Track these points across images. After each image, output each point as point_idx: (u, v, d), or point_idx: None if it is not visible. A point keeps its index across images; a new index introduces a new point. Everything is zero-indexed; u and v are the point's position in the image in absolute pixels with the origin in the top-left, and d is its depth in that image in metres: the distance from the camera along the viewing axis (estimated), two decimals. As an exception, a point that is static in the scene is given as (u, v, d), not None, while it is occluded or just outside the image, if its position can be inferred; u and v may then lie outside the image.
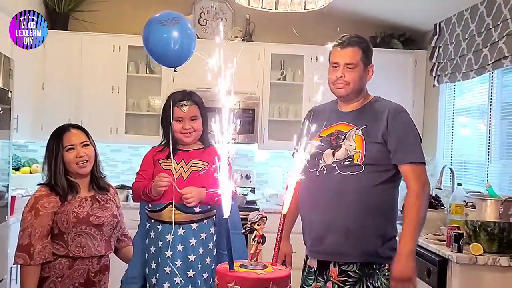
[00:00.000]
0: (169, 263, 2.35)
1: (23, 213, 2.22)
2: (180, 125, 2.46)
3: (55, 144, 2.28)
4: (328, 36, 5.17)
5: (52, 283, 2.20)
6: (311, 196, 2.24)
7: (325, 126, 2.30)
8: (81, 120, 4.46)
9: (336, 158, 2.21)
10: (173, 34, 2.46)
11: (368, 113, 2.26)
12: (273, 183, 4.95)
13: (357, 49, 2.24)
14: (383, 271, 2.16)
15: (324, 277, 2.22)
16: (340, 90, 2.25)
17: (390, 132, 2.18)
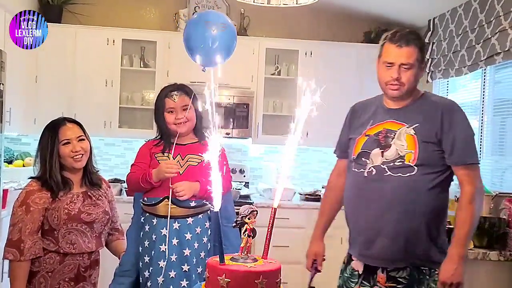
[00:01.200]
0: (163, 257, 2.35)
1: (14, 207, 2.20)
2: (172, 116, 2.45)
3: (50, 138, 2.25)
4: (323, 31, 5.20)
5: (42, 277, 2.20)
6: (358, 198, 2.15)
7: (372, 124, 2.18)
8: (74, 114, 4.45)
9: (385, 158, 2.08)
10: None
11: (419, 110, 2.12)
12: (266, 177, 4.96)
13: (413, 48, 2.06)
14: (433, 276, 2.05)
15: (371, 282, 2.12)
16: (394, 92, 2.10)
17: (445, 131, 2.04)
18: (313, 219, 4.43)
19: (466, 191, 2.03)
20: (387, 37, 2.11)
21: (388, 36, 2.11)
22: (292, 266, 4.32)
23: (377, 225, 2.07)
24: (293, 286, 4.24)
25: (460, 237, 2.01)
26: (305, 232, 4.47)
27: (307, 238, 4.43)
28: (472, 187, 2.03)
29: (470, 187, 2.03)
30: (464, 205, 2.03)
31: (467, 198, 2.02)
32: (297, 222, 4.42)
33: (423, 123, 2.07)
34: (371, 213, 2.08)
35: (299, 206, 4.50)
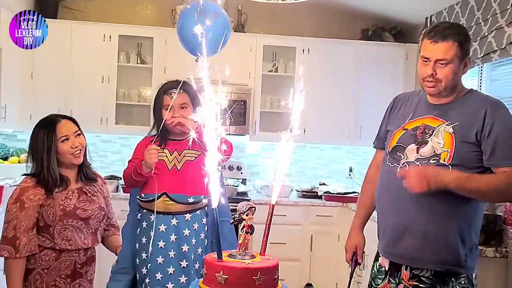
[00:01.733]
0: (162, 253, 2.35)
1: (8, 204, 2.18)
2: (170, 114, 2.44)
3: (47, 136, 2.22)
4: (320, 28, 5.20)
5: (38, 274, 2.18)
6: (389, 193, 2.08)
7: (411, 117, 2.10)
8: (70, 110, 4.44)
9: (420, 155, 2.00)
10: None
11: (462, 108, 2.01)
12: (264, 174, 4.96)
13: (451, 44, 1.95)
14: (460, 280, 1.96)
15: (396, 279, 2.07)
16: (430, 89, 2.01)
17: (486, 131, 1.93)
18: (310, 216, 4.49)
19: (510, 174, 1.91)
20: (425, 32, 2.03)
21: (426, 31, 2.03)
22: (289, 263, 4.34)
23: (404, 224, 2.01)
24: (290, 282, 4.25)
25: (470, 178, 1.90)
26: (302, 229, 4.49)
27: (304, 235, 4.49)
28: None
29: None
30: (499, 176, 1.91)
31: (506, 177, 1.90)
32: (294, 219, 4.43)
33: (463, 122, 1.98)
34: (400, 211, 2.02)
35: (296, 203, 4.50)
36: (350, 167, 5.09)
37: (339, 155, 5.14)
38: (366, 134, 4.74)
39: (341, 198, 4.50)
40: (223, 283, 1.33)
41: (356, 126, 4.80)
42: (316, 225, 4.48)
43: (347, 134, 4.81)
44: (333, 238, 4.48)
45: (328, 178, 5.07)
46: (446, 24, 2.02)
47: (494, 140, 1.93)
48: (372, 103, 4.71)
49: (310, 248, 4.46)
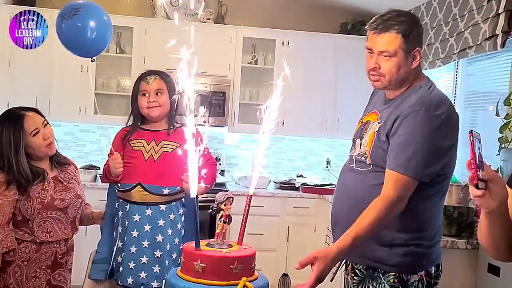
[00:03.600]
0: (135, 242, 2.36)
1: None
2: (145, 99, 2.44)
3: (13, 133, 2.12)
4: (300, 22, 5.22)
5: (17, 266, 2.15)
6: (337, 184, 2.09)
7: (369, 110, 2.05)
8: (49, 99, 4.41)
9: (358, 151, 1.97)
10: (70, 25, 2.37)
11: (395, 105, 1.90)
12: (242, 165, 4.99)
13: (394, 35, 1.82)
14: (388, 278, 1.88)
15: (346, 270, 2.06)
16: (375, 83, 1.92)
17: (393, 133, 1.83)
18: (287, 207, 4.53)
19: (386, 194, 1.78)
20: (369, 22, 1.91)
21: (371, 21, 1.91)
22: (266, 253, 4.38)
23: (336, 215, 2.02)
24: (267, 273, 4.27)
25: (350, 232, 1.74)
26: (279, 220, 4.54)
27: (281, 226, 4.54)
28: (394, 192, 1.77)
29: (392, 191, 1.78)
30: (375, 204, 1.77)
31: (383, 199, 1.77)
32: (271, 210, 4.47)
33: (385, 120, 1.88)
34: (335, 203, 2.06)
35: (274, 195, 4.54)
36: (328, 159, 5.15)
37: (317, 147, 5.20)
38: (343, 127, 4.80)
39: (318, 190, 4.56)
40: (201, 271, 1.35)
41: (334, 119, 4.86)
42: (293, 216, 4.53)
43: (325, 127, 4.86)
44: (310, 229, 4.54)
45: (306, 170, 5.13)
46: (392, 14, 1.87)
47: (393, 144, 1.82)
48: (350, 97, 4.77)
49: (287, 239, 4.52)
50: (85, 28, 2.37)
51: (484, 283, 2.84)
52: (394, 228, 1.86)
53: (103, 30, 2.46)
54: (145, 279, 2.35)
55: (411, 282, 1.87)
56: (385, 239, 1.87)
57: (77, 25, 2.37)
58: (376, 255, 1.89)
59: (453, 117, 1.85)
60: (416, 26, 1.88)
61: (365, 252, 1.89)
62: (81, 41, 2.39)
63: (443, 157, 1.83)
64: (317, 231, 4.51)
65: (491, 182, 1.21)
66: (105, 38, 2.48)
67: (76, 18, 2.36)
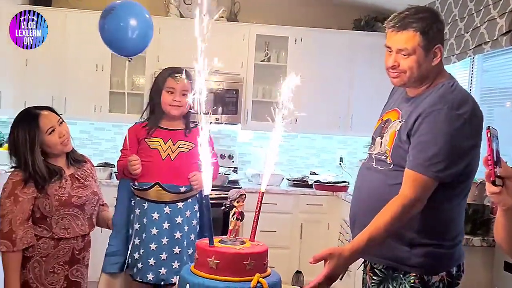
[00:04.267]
0: (155, 240, 2.39)
1: (1, 198, 2.16)
2: (170, 97, 2.44)
3: (29, 132, 2.15)
4: (313, 18, 5.21)
5: (36, 262, 2.19)
6: (356, 183, 2.06)
7: (390, 108, 2.00)
8: (64, 98, 4.46)
9: (378, 150, 1.93)
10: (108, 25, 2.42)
11: (416, 104, 1.86)
12: (255, 163, 5.01)
13: (413, 33, 1.79)
14: (409, 278, 1.84)
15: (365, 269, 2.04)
16: (394, 80, 1.88)
17: (414, 132, 1.80)
18: (300, 204, 4.54)
19: (405, 194, 1.76)
20: (387, 20, 1.88)
21: (389, 18, 1.87)
22: (279, 250, 4.40)
23: (354, 215, 1.99)
24: (280, 270, 4.27)
25: (365, 233, 1.73)
26: (292, 217, 4.54)
27: (294, 223, 4.54)
28: (413, 192, 1.75)
29: (410, 191, 1.75)
30: (392, 205, 1.74)
31: (400, 200, 1.75)
32: (284, 208, 4.48)
33: (407, 120, 1.84)
34: (354, 202, 2.04)
35: (287, 192, 4.55)
36: (341, 156, 5.14)
37: (330, 144, 5.19)
38: (357, 124, 4.79)
39: (331, 187, 4.56)
40: (215, 267, 1.36)
41: (348, 116, 4.84)
42: (306, 213, 4.53)
43: (338, 124, 4.85)
44: (323, 227, 4.55)
45: (319, 167, 5.13)
46: (410, 11, 1.83)
47: (414, 142, 1.79)
48: (364, 94, 4.76)
49: (300, 236, 4.52)
50: (126, 27, 2.38)
51: (500, 281, 2.81)
52: (414, 228, 1.83)
53: (145, 30, 2.47)
54: (165, 275, 2.38)
55: (432, 282, 1.84)
56: (405, 239, 1.84)
57: (119, 24, 2.39)
58: (396, 255, 1.86)
59: (476, 116, 1.79)
60: (435, 23, 1.83)
61: (385, 252, 1.86)
62: (122, 40, 2.41)
63: (465, 158, 1.78)
64: (331, 228, 4.51)
65: (508, 179, 1.19)
66: (146, 38, 2.49)
67: (117, 17, 2.39)
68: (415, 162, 1.77)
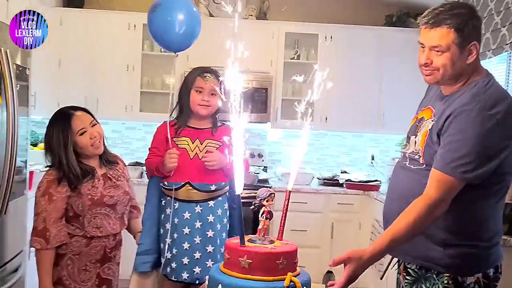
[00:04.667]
0: (187, 239, 2.40)
1: (36, 197, 2.21)
2: (199, 96, 2.46)
3: (62, 132, 2.20)
4: (343, 15, 5.15)
5: (69, 259, 2.23)
6: (390, 182, 2.03)
7: (424, 106, 1.96)
8: (96, 98, 4.54)
9: (412, 149, 1.90)
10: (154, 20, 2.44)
11: (449, 102, 1.80)
12: (285, 162, 4.99)
13: (446, 30, 1.73)
14: (442, 278, 1.81)
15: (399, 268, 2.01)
16: (427, 77, 1.84)
17: (444, 132, 1.76)
18: (331, 203, 4.50)
19: (429, 194, 1.72)
20: (421, 16, 1.83)
21: (423, 14, 1.82)
22: (309, 250, 4.37)
23: (387, 214, 1.95)
24: (311, 269, 4.25)
25: (386, 236, 1.69)
26: (323, 216, 4.51)
27: (325, 223, 4.50)
28: (437, 193, 1.71)
29: (435, 192, 1.71)
30: (415, 206, 1.71)
31: (425, 200, 1.71)
32: (315, 207, 4.45)
33: (438, 119, 1.80)
34: (387, 201, 2.01)
35: (317, 191, 4.51)
36: (372, 155, 5.07)
37: (361, 143, 5.13)
38: (389, 122, 4.72)
39: (363, 186, 4.50)
40: (247, 267, 1.35)
41: (379, 114, 4.78)
42: (337, 213, 4.49)
43: (369, 122, 4.79)
44: (354, 226, 4.50)
45: (350, 166, 5.07)
46: (446, 6, 1.77)
47: (443, 142, 1.75)
48: (396, 91, 4.68)
49: (331, 235, 4.49)
50: (173, 22, 2.42)
51: (539, 283, 2.72)
52: (447, 229, 1.79)
53: (192, 25, 2.49)
54: (199, 274, 2.40)
55: (466, 284, 1.80)
56: (438, 239, 1.80)
57: (167, 19, 2.43)
58: (429, 254, 1.83)
59: (510, 117, 1.72)
60: (471, 19, 1.76)
61: (418, 252, 1.83)
62: (169, 35, 2.45)
63: (495, 159, 1.72)
64: (362, 228, 4.46)
65: None
66: (193, 33, 2.52)
67: (164, 13, 2.42)
68: (442, 162, 1.73)
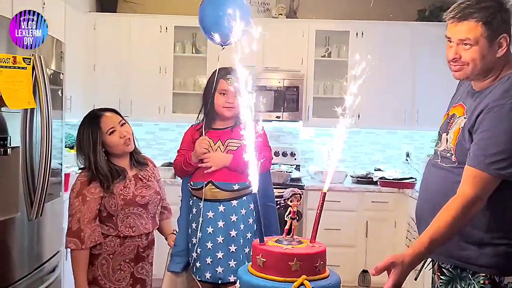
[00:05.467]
0: (211, 238, 2.42)
1: (70, 198, 2.27)
2: (223, 98, 2.47)
3: (91, 133, 2.26)
4: (374, 11, 5.08)
5: (104, 259, 2.28)
6: (422, 179, 2.00)
7: (455, 102, 1.92)
8: (130, 100, 4.62)
9: (444, 147, 1.86)
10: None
11: (481, 98, 1.76)
12: (317, 160, 4.96)
13: (474, 23, 1.70)
14: (478, 278, 1.77)
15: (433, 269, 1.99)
16: (456, 73, 1.80)
17: (476, 128, 1.72)
18: (365, 202, 4.44)
19: (464, 192, 1.69)
20: (447, 11, 1.80)
21: (449, 9, 1.79)
22: (344, 249, 4.34)
23: (420, 213, 1.93)
24: (346, 269, 4.24)
25: (423, 238, 1.66)
26: (357, 215, 4.45)
27: (359, 221, 4.45)
28: (473, 190, 1.67)
29: (470, 189, 1.68)
30: (450, 205, 1.67)
31: (460, 199, 1.67)
32: (348, 205, 4.40)
33: (470, 116, 1.76)
34: (420, 199, 1.98)
35: (351, 189, 4.47)
36: (407, 152, 4.98)
37: (395, 140, 5.05)
38: (423, 118, 4.62)
39: (398, 184, 4.43)
40: (262, 265, 1.36)
41: (413, 111, 4.69)
42: (371, 211, 4.43)
43: (403, 118, 4.70)
44: (389, 225, 4.43)
45: (384, 163, 5.00)
46: (472, 1, 1.73)
47: (476, 138, 1.71)
48: (430, 87, 4.58)
49: (365, 234, 4.43)
50: (223, 16, 2.44)
51: None
52: (482, 227, 1.75)
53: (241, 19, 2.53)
54: (222, 274, 2.41)
55: (504, 284, 1.75)
56: (473, 238, 1.77)
57: (218, 13, 2.46)
58: (464, 254, 1.79)
59: None
60: (500, 11, 1.72)
61: (453, 251, 1.80)
62: (220, 29, 2.45)
63: None
64: (397, 226, 4.38)
65: None
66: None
67: (217, 7, 2.46)
68: (476, 159, 1.70)
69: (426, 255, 1.68)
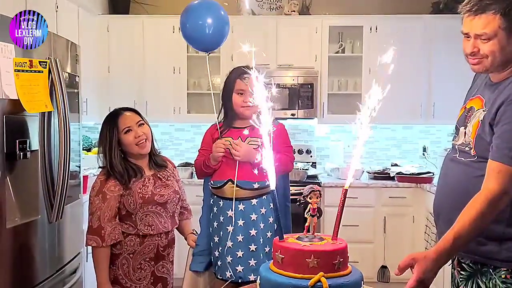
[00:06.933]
0: (231, 237, 2.42)
1: (91, 197, 2.30)
2: (241, 98, 2.47)
3: (109, 130, 2.30)
4: (388, 4, 5.03)
5: (124, 259, 2.31)
6: (441, 173, 1.97)
7: (473, 95, 1.89)
8: (145, 101, 4.64)
9: (462, 141, 1.84)
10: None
11: (500, 90, 1.74)
12: (334, 157, 4.93)
13: (492, 16, 1.67)
14: (500, 274, 1.75)
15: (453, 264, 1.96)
16: (475, 67, 1.77)
17: (497, 121, 1.69)
18: (382, 197, 4.41)
19: (488, 188, 1.65)
20: (462, 4, 1.77)
21: (464, 3, 1.76)
22: (362, 245, 4.32)
23: (438, 208, 1.91)
24: (365, 264, 4.22)
25: (449, 232, 1.64)
26: (375, 211, 4.43)
27: (377, 217, 4.43)
28: (498, 185, 1.64)
29: (495, 184, 1.65)
30: (476, 201, 1.64)
31: (485, 195, 1.64)
32: (366, 201, 4.37)
33: (490, 109, 1.73)
34: (438, 195, 1.95)
35: (368, 185, 4.44)
36: (424, 146, 4.94)
37: (412, 134, 5.00)
38: (440, 112, 4.58)
39: (415, 179, 4.39)
40: (280, 262, 1.36)
41: (429, 104, 4.64)
42: (389, 206, 4.40)
43: (419, 113, 4.66)
44: (408, 220, 4.39)
45: (401, 158, 4.96)
46: None
47: (498, 132, 1.68)
48: (446, 80, 4.53)
49: (383, 230, 4.40)
50: (203, 25, 2.54)
51: None
52: (503, 222, 1.73)
53: (221, 27, 2.61)
54: (242, 273, 2.41)
55: None
56: (493, 234, 1.74)
57: (198, 22, 2.57)
58: (484, 250, 1.77)
59: None
60: None
61: (472, 247, 1.77)
62: (201, 37, 2.58)
63: None
64: (416, 221, 4.35)
65: None
66: (222, 33, 2.63)
67: (196, 16, 2.58)
68: (500, 153, 1.66)
69: (452, 252, 1.65)
